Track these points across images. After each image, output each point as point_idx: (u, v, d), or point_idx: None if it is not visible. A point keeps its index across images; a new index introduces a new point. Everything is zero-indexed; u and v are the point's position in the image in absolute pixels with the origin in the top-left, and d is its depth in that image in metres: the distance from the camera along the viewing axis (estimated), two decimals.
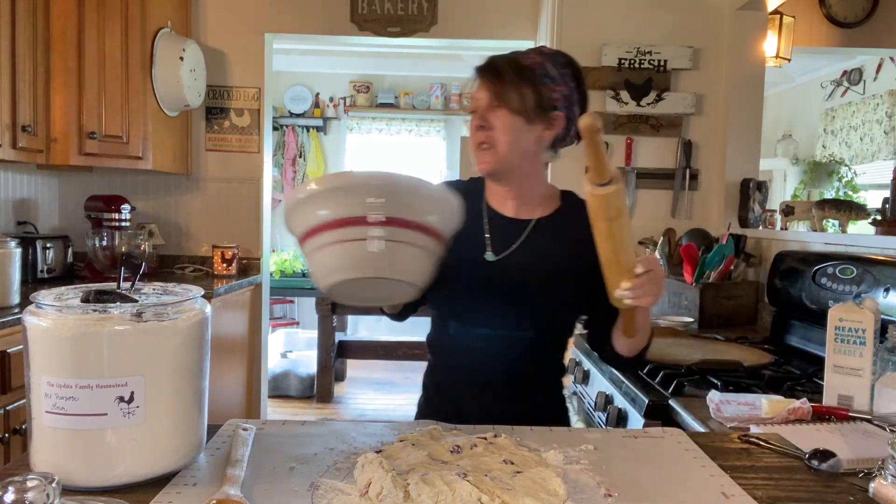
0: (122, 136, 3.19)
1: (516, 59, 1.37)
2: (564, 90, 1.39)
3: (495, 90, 1.35)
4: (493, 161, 1.37)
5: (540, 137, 1.40)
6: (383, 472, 0.88)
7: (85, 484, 0.86)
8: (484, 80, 1.37)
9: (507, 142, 1.36)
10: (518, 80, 1.34)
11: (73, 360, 0.84)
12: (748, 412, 1.40)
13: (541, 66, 1.36)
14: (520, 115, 1.35)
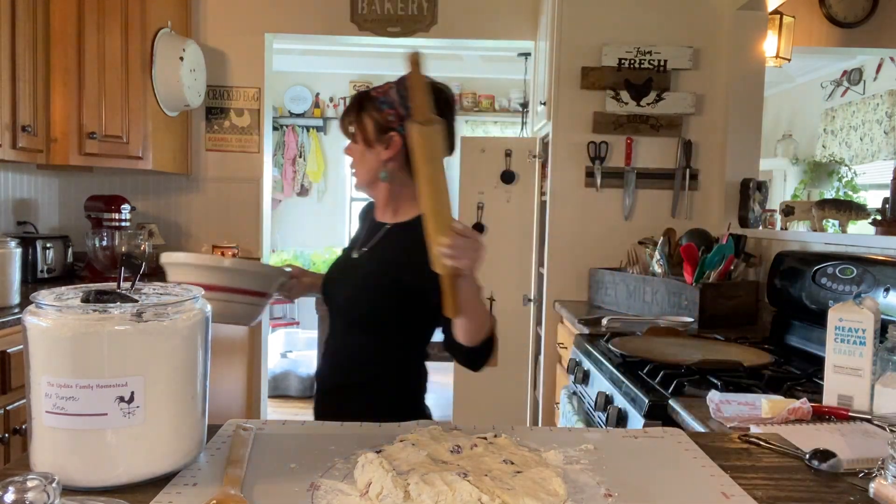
0: (122, 136, 3.19)
1: (366, 92, 1.60)
2: (400, 111, 1.53)
3: (343, 128, 1.62)
4: (357, 183, 1.67)
5: (381, 157, 1.57)
6: (383, 472, 0.87)
7: (85, 484, 0.86)
8: (343, 117, 1.63)
9: (358, 168, 1.63)
10: (358, 114, 1.58)
11: (74, 360, 0.84)
12: (748, 412, 1.40)
13: (384, 94, 1.55)
14: (361, 144, 1.59)
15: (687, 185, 3.36)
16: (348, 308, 1.60)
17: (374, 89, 1.59)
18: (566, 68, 3.34)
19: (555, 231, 3.40)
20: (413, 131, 1.21)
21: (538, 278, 3.81)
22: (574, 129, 3.36)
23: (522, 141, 4.18)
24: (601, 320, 2.61)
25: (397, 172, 1.59)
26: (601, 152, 3.34)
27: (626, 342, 2.13)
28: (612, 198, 3.38)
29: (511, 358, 4.02)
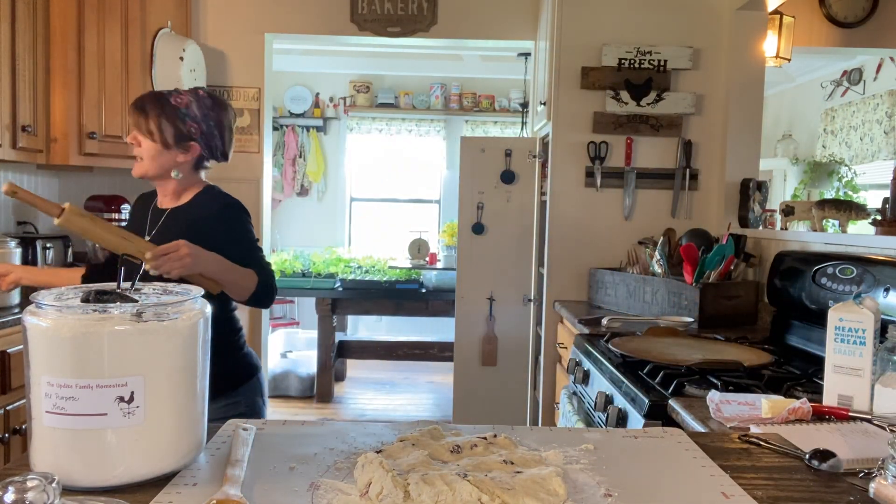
0: (122, 136, 3.19)
1: (165, 98, 1.85)
2: (203, 127, 1.89)
3: (136, 121, 1.85)
4: (139, 171, 1.89)
5: (177, 158, 1.88)
6: (383, 471, 0.87)
7: (85, 484, 0.86)
8: (131, 112, 1.86)
9: (150, 163, 1.87)
10: (157, 116, 1.83)
11: (74, 360, 0.84)
12: (748, 412, 1.40)
13: (186, 106, 1.86)
14: (157, 143, 1.84)
15: (687, 185, 3.36)
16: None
17: (174, 97, 1.86)
18: (566, 68, 3.34)
19: (555, 231, 3.40)
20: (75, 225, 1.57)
21: (538, 278, 3.82)
22: (574, 129, 3.36)
23: (522, 141, 4.18)
24: (601, 320, 2.61)
25: (187, 171, 1.93)
26: (601, 152, 3.34)
27: (625, 342, 2.13)
28: (612, 198, 3.38)
29: (511, 358, 4.02)
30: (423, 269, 5.27)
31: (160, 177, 1.91)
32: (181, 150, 1.88)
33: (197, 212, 1.91)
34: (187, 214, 1.92)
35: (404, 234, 6.08)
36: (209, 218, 1.89)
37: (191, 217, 1.90)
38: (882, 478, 0.93)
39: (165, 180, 1.92)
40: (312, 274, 4.86)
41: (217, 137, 1.96)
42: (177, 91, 1.93)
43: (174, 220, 1.91)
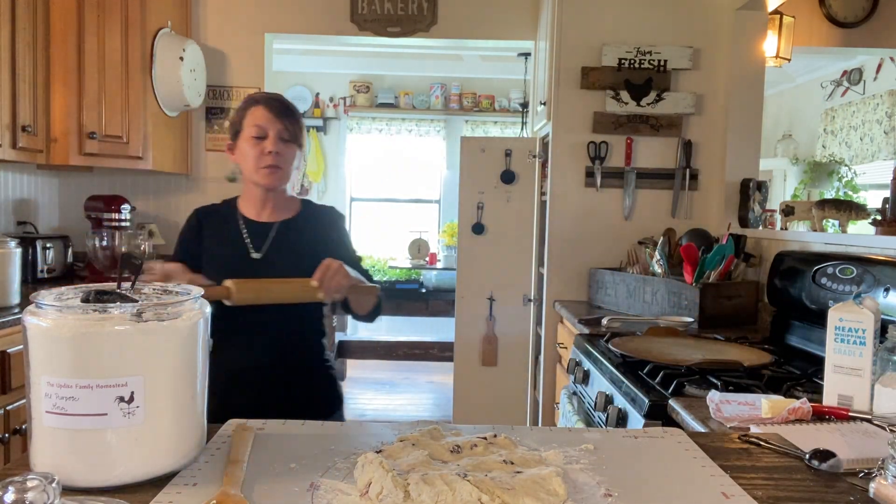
0: (122, 136, 3.19)
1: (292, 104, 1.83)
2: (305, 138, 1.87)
3: (293, 131, 1.77)
4: (280, 181, 1.79)
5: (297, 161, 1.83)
6: (383, 471, 0.87)
7: (85, 484, 0.86)
8: (281, 119, 1.75)
9: (288, 168, 1.79)
10: (298, 119, 1.80)
11: (73, 360, 0.83)
12: (748, 412, 1.40)
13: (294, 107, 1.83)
14: (297, 148, 1.80)
15: (687, 185, 3.36)
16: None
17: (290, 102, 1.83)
18: (566, 68, 3.34)
19: (555, 231, 3.40)
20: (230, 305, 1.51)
21: (538, 278, 3.82)
22: (574, 129, 3.36)
23: (522, 141, 4.18)
24: (601, 320, 2.61)
25: None
26: (601, 152, 3.34)
27: (625, 342, 2.13)
28: (612, 198, 3.38)
29: (511, 358, 4.02)
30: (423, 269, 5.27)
31: (285, 185, 1.84)
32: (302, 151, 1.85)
33: (314, 223, 1.86)
34: (304, 226, 1.85)
35: (404, 234, 6.08)
36: (327, 229, 1.86)
37: (309, 229, 1.84)
38: (882, 478, 0.93)
39: (283, 189, 1.84)
40: None
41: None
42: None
43: (289, 233, 1.82)
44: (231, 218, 1.85)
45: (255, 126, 1.74)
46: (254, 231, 1.81)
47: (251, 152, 1.75)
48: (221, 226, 1.85)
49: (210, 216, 1.88)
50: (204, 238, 1.85)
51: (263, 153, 1.74)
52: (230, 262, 1.78)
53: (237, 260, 1.78)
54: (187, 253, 1.83)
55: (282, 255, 1.78)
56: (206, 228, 1.87)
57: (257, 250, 1.79)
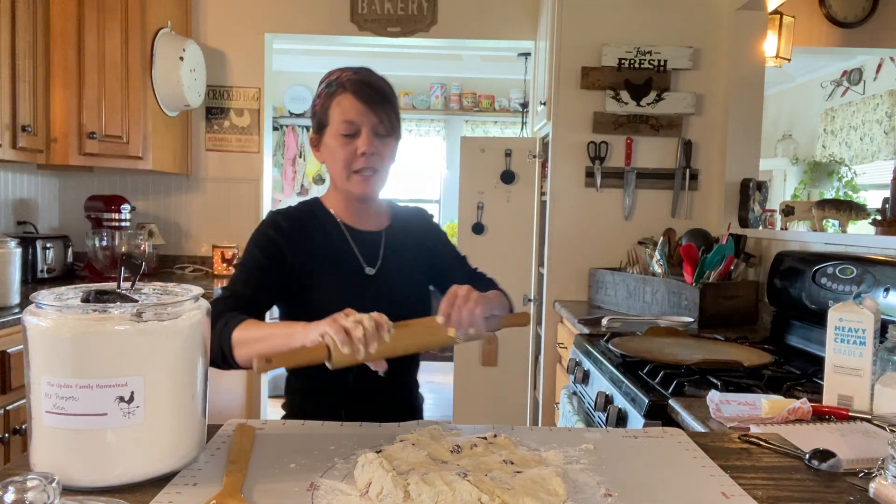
0: (122, 136, 3.19)
1: (387, 83, 1.50)
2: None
3: (390, 122, 1.44)
4: (378, 186, 1.49)
5: (394, 155, 1.52)
6: (383, 471, 0.87)
7: (85, 484, 0.86)
8: (376, 109, 1.41)
9: (386, 169, 1.49)
10: (393, 106, 1.47)
11: (73, 360, 0.83)
12: (748, 412, 1.40)
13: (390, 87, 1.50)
14: (392, 141, 1.48)
15: (687, 185, 3.36)
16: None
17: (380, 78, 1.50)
18: (566, 68, 3.34)
19: (555, 231, 3.40)
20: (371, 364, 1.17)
21: (538, 278, 3.81)
22: (574, 129, 3.36)
23: (522, 141, 4.18)
24: (601, 320, 2.60)
25: None
26: (601, 152, 3.34)
27: (625, 342, 2.13)
28: (612, 198, 3.38)
29: (511, 358, 4.02)
30: None
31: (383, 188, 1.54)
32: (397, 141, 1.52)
33: (412, 228, 1.60)
34: (405, 233, 1.59)
35: None
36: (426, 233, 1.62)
37: (410, 236, 1.59)
38: (882, 478, 0.93)
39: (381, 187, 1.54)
40: None
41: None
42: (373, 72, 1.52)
43: (395, 243, 1.56)
44: (331, 226, 1.54)
45: (344, 121, 1.42)
46: (361, 242, 1.54)
47: (340, 153, 1.43)
48: (322, 236, 1.53)
49: (299, 223, 1.53)
50: (299, 250, 1.50)
51: (356, 154, 1.42)
52: (344, 282, 1.49)
53: (351, 278, 1.50)
54: (269, 270, 1.49)
55: (394, 268, 1.53)
56: (299, 241, 1.51)
57: (370, 265, 1.52)
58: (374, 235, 1.55)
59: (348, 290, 1.48)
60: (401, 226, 1.60)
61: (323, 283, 1.48)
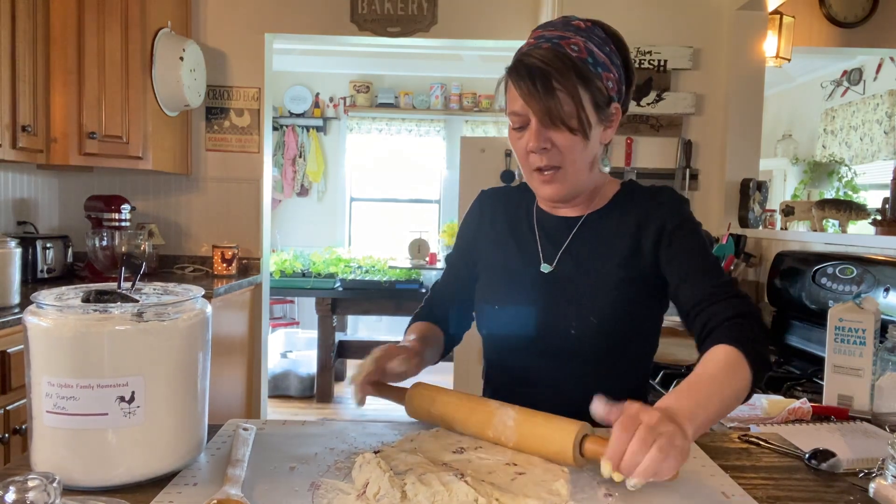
0: (122, 136, 3.19)
1: (564, 55, 1.13)
2: (615, 74, 1.19)
3: (554, 109, 1.12)
4: (563, 188, 1.20)
5: (601, 139, 1.21)
6: (380, 472, 0.87)
7: (85, 484, 0.86)
8: (543, 95, 1.12)
9: (575, 162, 1.17)
10: (575, 86, 1.12)
11: (74, 360, 0.83)
12: (748, 412, 1.40)
13: (588, 55, 1.15)
14: (578, 134, 1.15)
15: (687, 185, 3.36)
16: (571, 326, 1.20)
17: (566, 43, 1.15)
18: None
19: None
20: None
21: None
22: None
23: None
24: None
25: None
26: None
27: None
28: None
29: None
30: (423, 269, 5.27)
31: (583, 185, 1.23)
32: (604, 123, 1.20)
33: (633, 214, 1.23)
34: (618, 219, 1.25)
35: (404, 234, 6.08)
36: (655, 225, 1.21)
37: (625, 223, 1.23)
38: (882, 478, 0.93)
39: (582, 188, 1.24)
40: (312, 274, 4.86)
41: (624, 84, 1.24)
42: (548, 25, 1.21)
43: (596, 231, 1.25)
44: (524, 208, 1.34)
45: (512, 114, 1.18)
46: (549, 230, 1.29)
47: (515, 147, 1.22)
48: (509, 220, 1.34)
49: (498, 204, 1.37)
50: (483, 236, 1.36)
51: (527, 151, 1.18)
52: (513, 279, 1.28)
53: (521, 274, 1.28)
54: (462, 258, 1.39)
55: (579, 264, 1.24)
56: (489, 223, 1.36)
57: (548, 260, 1.26)
58: (568, 222, 1.27)
59: (514, 291, 1.27)
60: (615, 209, 1.26)
61: (492, 279, 1.31)
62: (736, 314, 1.07)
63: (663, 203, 1.24)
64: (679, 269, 1.18)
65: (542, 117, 1.13)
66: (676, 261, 1.18)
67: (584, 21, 1.21)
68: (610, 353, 1.21)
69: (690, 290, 1.15)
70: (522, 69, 1.13)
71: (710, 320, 1.09)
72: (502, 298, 1.27)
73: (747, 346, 1.00)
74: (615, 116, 1.21)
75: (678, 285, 1.17)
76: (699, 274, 1.16)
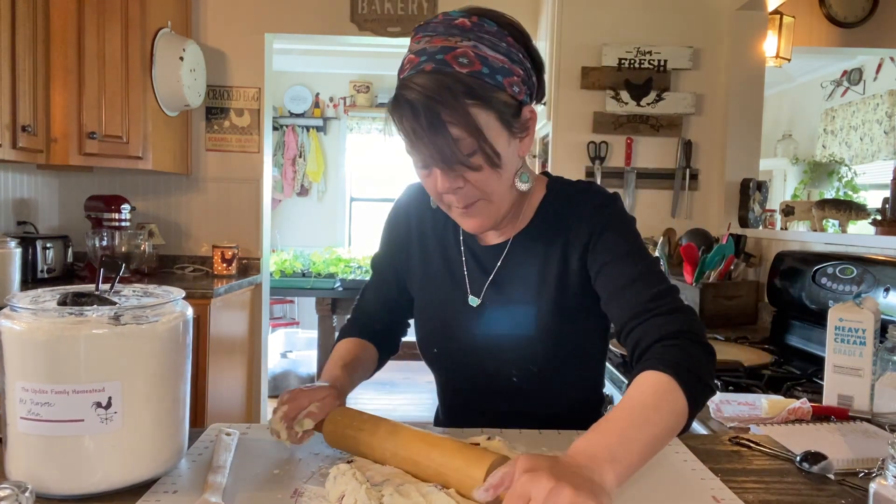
0: (122, 136, 3.19)
1: (451, 75, 0.96)
2: (520, 73, 1.03)
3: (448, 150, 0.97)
4: (487, 218, 1.09)
5: (519, 153, 1.08)
6: (357, 483, 0.85)
7: (61, 492, 0.84)
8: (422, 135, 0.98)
9: (494, 192, 1.05)
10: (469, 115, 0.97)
11: (49, 365, 0.81)
12: (748, 412, 1.39)
13: (482, 64, 0.98)
14: (484, 164, 1.01)
15: (687, 185, 3.34)
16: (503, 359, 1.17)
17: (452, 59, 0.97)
18: (566, 68, 3.33)
19: None
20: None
21: None
22: (574, 129, 3.35)
23: None
24: None
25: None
26: (601, 152, 3.33)
27: None
28: None
29: None
30: None
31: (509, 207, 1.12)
32: (520, 132, 1.07)
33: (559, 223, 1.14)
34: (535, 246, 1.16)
35: None
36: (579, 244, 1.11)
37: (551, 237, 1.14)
38: (882, 478, 0.91)
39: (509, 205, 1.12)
40: (312, 274, 4.85)
41: (534, 75, 1.08)
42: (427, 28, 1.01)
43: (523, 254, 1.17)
44: (451, 228, 1.23)
45: (409, 153, 1.06)
46: (476, 256, 1.20)
47: (426, 186, 1.10)
48: (438, 238, 1.24)
49: (427, 213, 1.25)
50: (412, 249, 1.27)
51: (438, 192, 1.07)
52: (444, 314, 1.21)
53: (451, 308, 1.20)
54: (392, 265, 1.30)
55: (507, 300, 1.16)
56: (418, 236, 1.26)
57: (476, 292, 1.18)
58: (494, 250, 1.18)
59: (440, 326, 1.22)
60: (540, 224, 1.16)
61: (420, 310, 1.26)
62: (670, 333, 0.97)
63: (586, 209, 1.12)
64: (606, 284, 1.07)
65: (437, 162, 1.00)
66: (603, 275, 1.08)
67: (468, 17, 1.01)
68: (558, 381, 1.18)
69: (618, 307, 1.05)
70: (405, 106, 0.97)
71: (641, 341, 1.00)
72: (439, 341, 1.21)
73: (681, 370, 0.89)
74: (530, 121, 1.08)
75: (607, 303, 1.08)
76: (627, 286, 1.05)
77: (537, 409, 1.20)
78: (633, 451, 0.79)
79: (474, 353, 1.18)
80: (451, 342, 1.21)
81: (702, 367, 0.93)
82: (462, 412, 1.27)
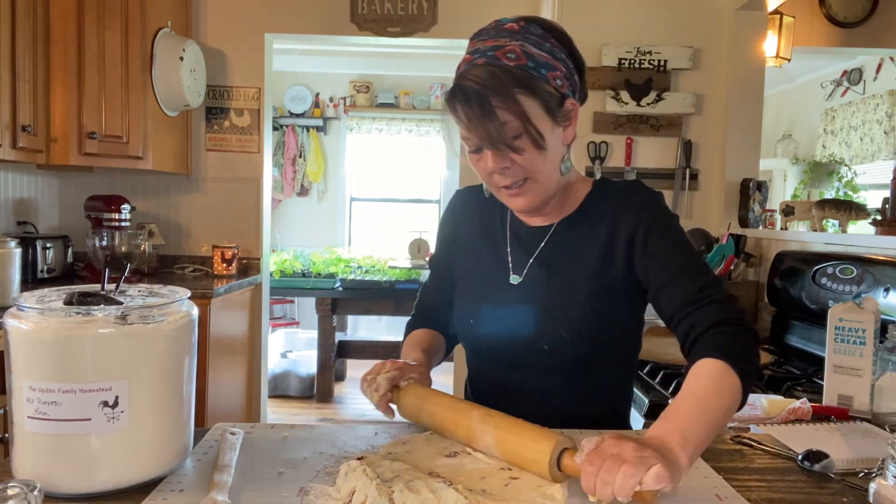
0: (122, 136, 3.19)
1: (501, 68, 1.08)
2: (563, 69, 1.14)
3: (497, 132, 1.07)
4: (534, 198, 1.16)
5: (562, 140, 1.16)
6: (367, 479, 0.86)
7: (68, 490, 0.85)
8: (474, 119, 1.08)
9: (540, 172, 1.13)
10: (517, 100, 1.07)
11: (56, 364, 0.81)
12: (748, 412, 1.39)
13: (527, 59, 1.10)
14: (532, 147, 1.10)
15: (687, 185, 3.35)
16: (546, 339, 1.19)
17: (502, 55, 1.10)
18: None
19: None
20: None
21: None
22: None
23: None
24: None
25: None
26: (601, 152, 3.33)
27: None
28: None
29: None
30: (423, 269, 5.25)
31: (554, 190, 1.19)
32: (563, 123, 1.15)
33: (605, 215, 1.20)
34: (589, 224, 1.22)
35: (404, 234, 6.07)
36: (625, 235, 1.17)
37: (596, 228, 1.20)
38: (882, 478, 0.92)
39: (553, 193, 1.20)
40: (312, 274, 4.86)
41: (575, 74, 1.18)
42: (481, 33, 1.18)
43: (568, 240, 1.23)
44: (498, 214, 1.31)
45: (465, 138, 1.15)
46: (522, 239, 1.27)
47: (477, 169, 1.18)
48: (484, 225, 1.32)
49: (474, 206, 1.34)
50: (459, 239, 1.35)
51: (488, 172, 1.15)
52: (483, 290, 1.27)
53: (491, 285, 1.26)
54: (445, 259, 1.39)
55: (548, 275, 1.21)
56: (465, 226, 1.35)
57: (518, 271, 1.24)
58: (539, 231, 1.25)
59: (481, 303, 1.26)
60: (585, 214, 1.23)
61: (463, 288, 1.31)
62: (720, 321, 1.05)
63: (633, 204, 1.19)
64: (656, 276, 1.14)
65: (487, 143, 1.10)
66: (652, 267, 1.15)
67: (516, 22, 1.15)
68: (587, 363, 1.19)
69: (669, 296, 1.12)
70: (459, 94, 1.09)
71: (693, 328, 1.07)
72: (475, 312, 1.27)
73: (734, 356, 0.98)
74: (573, 113, 1.16)
75: (657, 293, 1.15)
76: (678, 277, 1.12)
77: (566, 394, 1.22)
78: (700, 434, 0.89)
79: (509, 321, 1.22)
80: (487, 312, 1.25)
81: (751, 351, 1.03)
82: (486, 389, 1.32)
